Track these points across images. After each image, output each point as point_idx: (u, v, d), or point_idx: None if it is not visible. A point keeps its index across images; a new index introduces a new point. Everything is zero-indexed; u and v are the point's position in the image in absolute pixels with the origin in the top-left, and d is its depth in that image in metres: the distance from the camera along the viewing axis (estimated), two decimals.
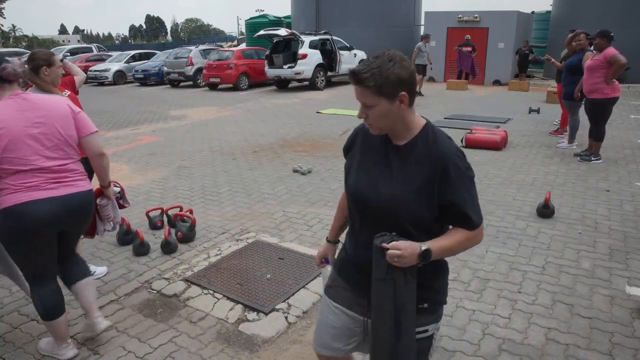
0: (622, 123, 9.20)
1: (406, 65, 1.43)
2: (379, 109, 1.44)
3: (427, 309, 1.60)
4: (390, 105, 1.43)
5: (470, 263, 3.67)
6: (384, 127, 1.50)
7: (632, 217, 4.52)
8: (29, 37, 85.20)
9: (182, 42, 67.59)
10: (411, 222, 1.49)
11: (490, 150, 7.14)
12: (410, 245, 1.42)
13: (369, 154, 1.59)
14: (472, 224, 1.49)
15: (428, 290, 1.59)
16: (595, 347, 2.66)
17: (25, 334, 2.90)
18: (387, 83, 1.40)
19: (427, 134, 1.51)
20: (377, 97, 1.42)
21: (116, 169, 6.67)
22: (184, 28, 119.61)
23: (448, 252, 1.51)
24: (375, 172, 1.55)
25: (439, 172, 1.45)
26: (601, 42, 6.11)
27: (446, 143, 1.50)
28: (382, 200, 1.50)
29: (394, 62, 1.41)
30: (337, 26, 19.54)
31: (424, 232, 1.50)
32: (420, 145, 1.50)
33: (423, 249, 1.43)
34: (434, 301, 1.63)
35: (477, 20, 16.90)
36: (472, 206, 1.48)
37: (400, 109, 1.45)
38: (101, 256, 3.94)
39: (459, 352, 2.65)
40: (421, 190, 1.46)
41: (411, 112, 1.50)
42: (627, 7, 15.42)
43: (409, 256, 1.41)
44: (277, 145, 7.84)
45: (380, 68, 1.40)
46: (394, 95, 1.42)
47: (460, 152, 1.51)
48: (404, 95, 1.42)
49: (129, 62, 20.92)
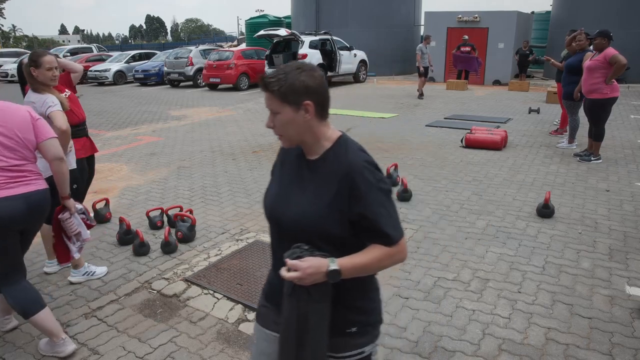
0: (622, 123, 9.20)
1: (317, 76, 1.40)
2: (283, 117, 1.41)
3: (357, 332, 1.51)
4: (294, 113, 1.39)
5: (470, 263, 3.68)
6: (291, 137, 1.46)
7: (632, 217, 4.52)
8: (29, 37, 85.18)
9: (182, 42, 67.60)
10: (322, 239, 1.42)
11: (490, 150, 7.14)
12: (312, 264, 1.34)
13: (286, 169, 1.56)
14: (389, 239, 1.39)
15: (354, 311, 1.50)
16: (595, 347, 2.67)
17: (25, 334, 2.90)
18: (291, 90, 1.37)
19: (338, 148, 1.46)
20: (281, 103, 1.39)
21: (116, 169, 6.68)
22: (184, 28, 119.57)
23: (363, 271, 1.42)
24: (288, 188, 1.51)
25: (347, 187, 1.38)
26: (601, 42, 6.12)
27: (355, 155, 1.43)
28: (293, 217, 1.45)
29: (302, 71, 1.38)
30: (337, 26, 19.55)
31: (337, 248, 1.41)
32: (331, 159, 1.44)
33: (331, 268, 1.35)
34: (364, 323, 1.52)
35: (477, 21, 16.91)
36: (387, 221, 1.39)
37: (306, 119, 1.40)
38: (101, 256, 3.94)
39: (459, 352, 2.65)
40: (331, 206, 1.40)
41: (322, 125, 1.46)
42: (626, 8, 15.42)
43: (308, 276, 1.34)
44: (277, 145, 7.83)
45: (287, 74, 1.38)
46: (297, 103, 1.38)
47: (371, 165, 1.43)
48: (308, 104, 1.38)
49: (129, 62, 20.92)
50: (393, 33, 20.31)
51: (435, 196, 5.22)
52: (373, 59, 18.78)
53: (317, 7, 20.92)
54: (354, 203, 1.38)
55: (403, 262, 3.64)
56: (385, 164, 6.25)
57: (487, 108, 11.46)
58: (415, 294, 3.25)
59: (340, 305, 1.46)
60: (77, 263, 3.48)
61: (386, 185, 1.43)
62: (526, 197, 5.14)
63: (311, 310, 1.40)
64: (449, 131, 8.68)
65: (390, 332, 2.84)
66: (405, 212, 4.75)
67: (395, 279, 3.45)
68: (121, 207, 5.10)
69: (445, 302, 3.14)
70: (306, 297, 1.38)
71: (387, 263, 1.44)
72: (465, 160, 6.67)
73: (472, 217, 4.61)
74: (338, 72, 16.40)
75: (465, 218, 4.58)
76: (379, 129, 8.97)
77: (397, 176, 5.58)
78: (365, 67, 18.15)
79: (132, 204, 5.20)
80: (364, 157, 1.44)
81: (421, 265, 3.66)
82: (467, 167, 6.33)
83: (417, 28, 21.63)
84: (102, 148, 7.81)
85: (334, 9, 20.56)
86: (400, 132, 8.70)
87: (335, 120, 9.87)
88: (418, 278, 3.46)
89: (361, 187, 1.38)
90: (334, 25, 19.44)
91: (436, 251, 3.90)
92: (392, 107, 11.59)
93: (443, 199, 5.11)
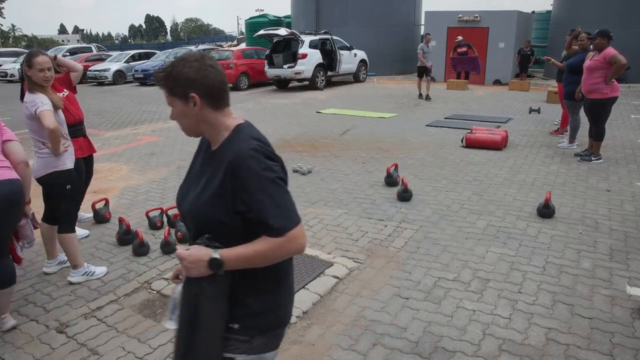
0: (623, 123, 9.19)
1: (198, 66, 1.37)
2: (176, 110, 1.42)
3: (238, 331, 1.43)
4: (185, 106, 1.39)
5: (471, 263, 3.67)
6: (189, 128, 1.46)
7: (633, 217, 4.52)
8: (29, 37, 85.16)
9: (181, 42, 67.53)
10: (214, 230, 1.39)
11: (490, 150, 7.13)
12: (193, 254, 1.33)
13: (196, 160, 1.56)
14: (272, 229, 1.32)
15: (241, 307, 1.43)
16: (595, 348, 2.66)
17: (25, 334, 2.89)
18: (175, 83, 1.37)
19: (232, 137, 1.43)
20: (170, 97, 1.40)
21: (115, 168, 6.67)
22: (184, 28, 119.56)
23: (248, 262, 1.35)
24: (191, 179, 1.52)
25: (231, 176, 1.35)
26: (601, 41, 6.12)
27: (243, 143, 1.38)
28: (188, 208, 1.46)
29: (185, 62, 1.37)
30: (337, 26, 19.53)
31: (232, 240, 1.36)
32: (224, 148, 1.42)
33: (212, 256, 1.32)
34: (248, 324, 1.44)
35: (478, 20, 16.90)
36: (271, 209, 1.32)
37: (196, 111, 1.39)
38: (100, 256, 3.93)
39: (459, 352, 2.65)
40: (217, 196, 1.37)
41: (220, 115, 1.43)
42: (626, 7, 15.41)
43: (190, 265, 1.33)
44: (277, 145, 7.83)
45: (171, 68, 1.38)
46: (184, 95, 1.38)
47: (258, 152, 1.36)
48: (193, 96, 1.37)
49: (128, 62, 20.92)
50: (393, 33, 20.31)
51: (436, 196, 5.21)
52: (373, 59, 18.78)
53: (317, 6, 20.91)
54: (237, 192, 1.34)
55: (402, 263, 3.66)
56: (385, 164, 6.24)
57: (488, 108, 11.45)
58: (415, 294, 3.24)
59: (232, 299, 1.41)
60: (76, 263, 3.47)
61: (273, 172, 1.36)
62: (527, 197, 5.13)
63: (202, 303, 1.37)
64: (449, 131, 8.67)
65: (390, 332, 2.83)
66: (406, 212, 4.74)
67: (396, 279, 3.45)
68: (121, 207, 5.09)
69: (446, 303, 3.13)
70: (197, 290, 1.36)
71: (277, 254, 1.36)
72: (466, 160, 6.67)
73: (472, 217, 4.60)
74: (338, 71, 16.40)
75: (466, 218, 4.58)
76: (379, 129, 8.97)
77: (397, 176, 5.57)
78: (365, 66, 18.14)
79: (131, 204, 5.19)
80: (251, 145, 1.37)
81: (421, 265, 3.66)
82: (467, 167, 6.32)
83: (417, 28, 21.62)
84: (102, 148, 7.81)
85: (334, 9, 20.55)
86: (400, 132, 8.70)
87: (335, 120, 9.90)
88: (418, 278, 3.46)
89: (243, 176, 1.33)
90: (334, 25, 19.43)
91: (436, 251, 3.89)
92: (392, 107, 11.58)
93: (443, 199, 5.11)
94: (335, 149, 7.48)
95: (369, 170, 6.25)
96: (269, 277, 1.45)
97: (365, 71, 18.20)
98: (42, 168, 3.30)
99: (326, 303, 3.16)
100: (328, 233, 4.30)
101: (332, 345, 2.72)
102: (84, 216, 4.63)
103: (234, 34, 59.76)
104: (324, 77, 15.96)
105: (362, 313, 3.03)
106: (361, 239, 4.14)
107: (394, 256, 3.82)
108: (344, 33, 18.67)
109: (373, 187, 5.55)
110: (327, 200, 5.15)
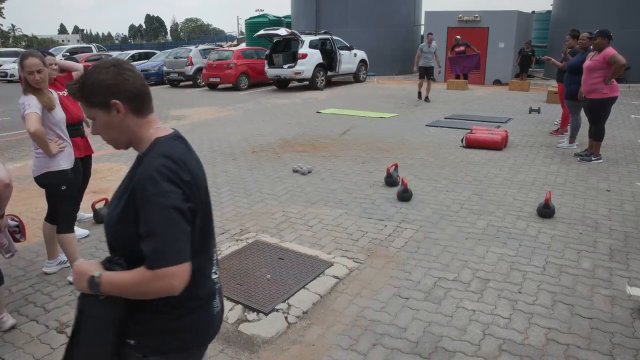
0: (623, 123, 9.19)
1: (116, 71, 1.28)
2: (99, 121, 1.32)
3: (133, 347, 1.37)
4: (107, 116, 1.30)
5: (471, 263, 3.67)
6: (116, 140, 1.36)
7: (633, 217, 4.52)
8: (29, 37, 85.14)
9: (181, 42, 67.56)
10: (125, 249, 1.32)
11: (490, 150, 7.13)
12: (78, 270, 1.30)
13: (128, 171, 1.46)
14: (145, 260, 1.22)
15: (137, 324, 1.37)
16: (595, 348, 2.66)
17: (25, 334, 2.89)
18: (94, 92, 1.28)
19: (147, 151, 1.34)
20: (91, 108, 1.31)
21: (115, 168, 6.67)
22: (184, 28, 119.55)
23: (121, 290, 1.26)
24: (117, 191, 1.41)
25: (133, 195, 1.27)
26: (601, 41, 6.12)
27: (150, 161, 1.28)
28: (105, 221, 1.40)
29: (100, 69, 1.28)
30: (337, 26, 19.53)
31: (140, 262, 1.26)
32: (140, 163, 1.33)
33: (92, 274, 1.27)
34: (143, 343, 1.37)
35: (478, 20, 16.90)
36: (148, 239, 1.22)
37: (120, 119, 1.31)
38: (100, 256, 3.91)
39: (459, 352, 2.65)
40: (122, 216, 1.30)
41: (144, 122, 1.35)
42: (626, 7, 15.41)
43: (75, 277, 1.30)
44: (277, 145, 7.83)
45: (86, 76, 1.29)
46: (105, 104, 1.28)
47: (158, 173, 1.25)
48: (116, 103, 1.28)
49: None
50: (393, 33, 20.30)
51: (436, 196, 5.21)
52: (373, 59, 18.78)
53: (317, 6, 20.91)
54: (137, 213, 1.26)
55: (402, 263, 3.66)
56: (385, 164, 6.24)
57: (488, 108, 11.45)
58: (415, 294, 3.24)
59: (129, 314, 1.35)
60: None
61: (167, 200, 1.23)
62: (527, 197, 5.13)
63: (84, 323, 1.33)
64: (449, 131, 8.67)
65: (390, 332, 2.83)
66: (406, 212, 4.74)
67: (396, 279, 3.45)
68: None
69: (446, 303, 3.13)
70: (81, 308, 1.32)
71: (145, 289, 1.24)
72: (466, 160, 6.67)
73: (472, 217, 4.60)
74: (338, 71, 16.40)
75: (466, 218, 4.58)
76: (379, 129, 8.97)
77: (397, 176, 5.57)
78: (365, 66, 18.14)
79: None
80: (155, 164, 1.26)
81: (421, 265, 3.66)
82: (467, 167, 6.33)
83: (417, 28, 21.62)
84: (101, 148, 7.79)
85: (334, 9, 20.55)
86: (400, 132, 8.70)
87: (335, 120, 9.90)
88: (418, 278, 3.46)
89: (139, 197, 1.25)
90: (334, 25, 19.43)
91: (436, 251, 3.89)
92: (392, 107, 11.58)
93: (443, 199, 5.11)
94: (335, 149, 7.48)
95: (369, 170, 6.25)
96: (170, 297, 1.30)
97: (365, 71, 18.21)
98: (37, 168, 3.32)
99: (326, 303, 3.16)
100: (328, 233, 4.30)
101: (332, 345, 2.73)
102: (84, 216, 4.63)
103: (234, 34, 59.71)
104: (324, 77, 15.96)
105: (362, 313, 3.04)
106: (361, 239, 4.15)
107: (394, 256, 3.82)
108: (344, 33, 18.67)
109: (373, 187, 5.55)
110: (327, 200, 5.15)
